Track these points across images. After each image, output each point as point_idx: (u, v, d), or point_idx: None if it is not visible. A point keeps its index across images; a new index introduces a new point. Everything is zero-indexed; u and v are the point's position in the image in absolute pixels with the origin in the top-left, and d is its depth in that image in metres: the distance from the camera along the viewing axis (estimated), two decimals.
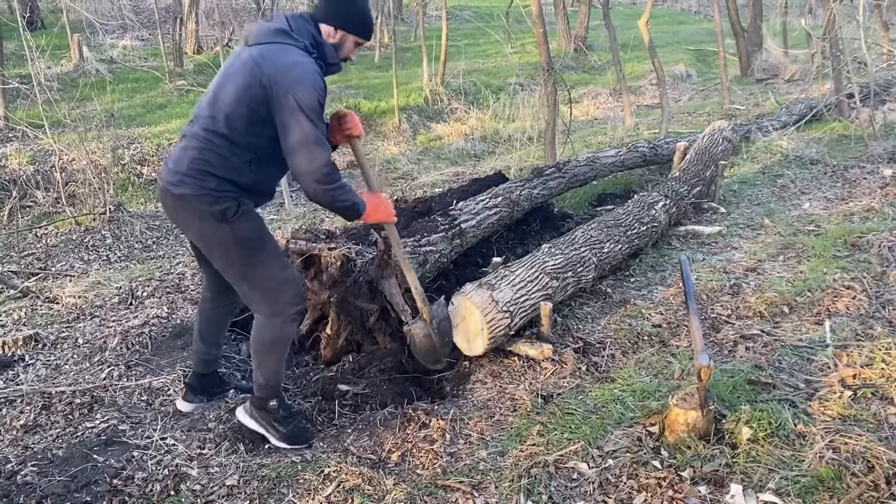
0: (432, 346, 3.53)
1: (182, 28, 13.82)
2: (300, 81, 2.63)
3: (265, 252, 2.91)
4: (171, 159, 2.86)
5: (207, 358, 3.40)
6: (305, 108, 2.63)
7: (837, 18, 8.89)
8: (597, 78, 15.35)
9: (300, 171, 2.71)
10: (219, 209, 2.76)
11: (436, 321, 3.52)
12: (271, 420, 3.12)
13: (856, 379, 3.18)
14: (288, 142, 2.68)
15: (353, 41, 2.92)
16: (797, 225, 5.77)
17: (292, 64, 2.65)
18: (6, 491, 2.74)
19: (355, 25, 2.89)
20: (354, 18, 2.89)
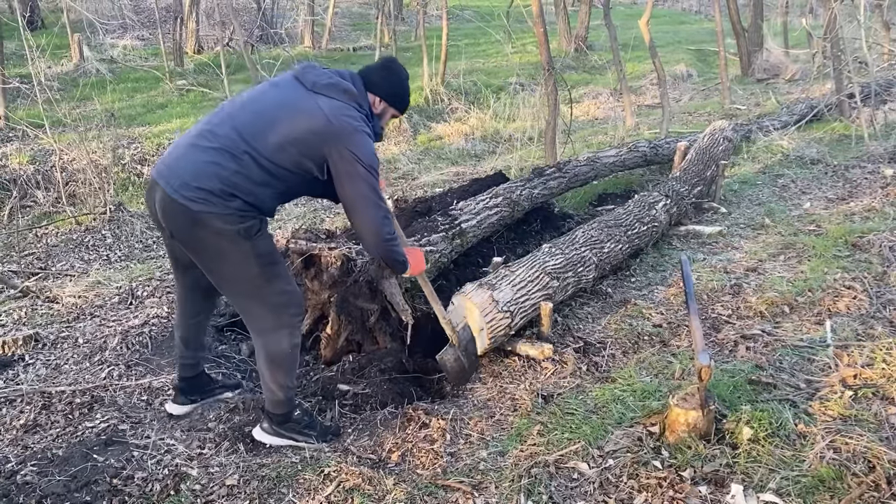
0: (462, 368, 3.62)
1: (182, 28, 13.82)
2: (367, 149, 2.73)
3: (279, 266, 2.92)
4: (188, 171, 2.70)
5: (194, 362, 3.36)
6: (371, 171, 2.73)
7: (838, 18, 8.89)
8: (597, 78, 15.34)
9: (372, 233, 2.81)
10: (244, 227, 2.72)
11: (463, 344, 3.61)
12: (299, 429, 3.12)
13: (857, 379, 3.18)
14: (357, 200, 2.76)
15: (392, 114, 3.04)
16: (798, 225, 5.77)
17: (361, 132, 2.74)
18: (6, 490, 2.73)
19: (399, 100, 3.03)
20: (399, 94, 3.02)
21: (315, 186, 2.86)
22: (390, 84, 2.99)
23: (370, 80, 2.94)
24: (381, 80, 2.96)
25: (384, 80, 2.97)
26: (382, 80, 2.97)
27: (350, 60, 15.38)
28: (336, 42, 17.12)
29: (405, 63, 11.26)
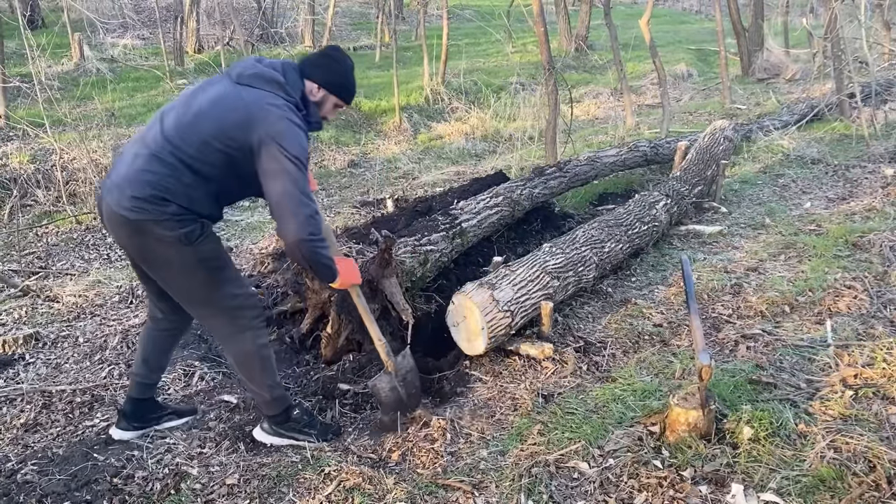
0: (398, 400, 3.25)
1: (183, 27, 13.81)
2: (292, 138, 2.61)
3: (227, 271, 2.84)
4: (124, 182, 2.64)
5: (147, 382, 3.18)
6: (296, 162, 2.60)
7: (839, 18, 8.88)
8: (598, 77, 15.34)
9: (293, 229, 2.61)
10: (183, 233, 2.65)
11: (402, 373, 3.30)
12: (299, 428, 3.12)
13: (857, 379, 3.18)
14: (278, 193, 2.60)
15: (334, 103, 2.93)
16: (798, 224, 5.77)
17: (286, 120, 2.63)
18: (6, 489, 2.74)
19: (341, 88, 2.91)
20: (341, 82, 2.90)
21: (250, 185, 2.71)
22: (329, 71, 2.88)
23: (307, 67, 2.85)
24: (319, 67, 2.86)
25: (322, 66, 2.87)
26: (320, 67, 2.86)
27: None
28: (336, 41, 17.12)
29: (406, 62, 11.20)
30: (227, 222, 7.33)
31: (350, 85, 2.96)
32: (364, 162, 9.98)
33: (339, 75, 2.90)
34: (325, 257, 2.75)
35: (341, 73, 2.91)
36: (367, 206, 7.16)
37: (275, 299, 4.40)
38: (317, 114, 2.87)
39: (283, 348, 4.15)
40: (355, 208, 7.13)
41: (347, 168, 9.61)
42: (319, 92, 2.87)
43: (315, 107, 2.86)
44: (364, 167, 9.76)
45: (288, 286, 4.24)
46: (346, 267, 2.96)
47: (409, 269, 4.13)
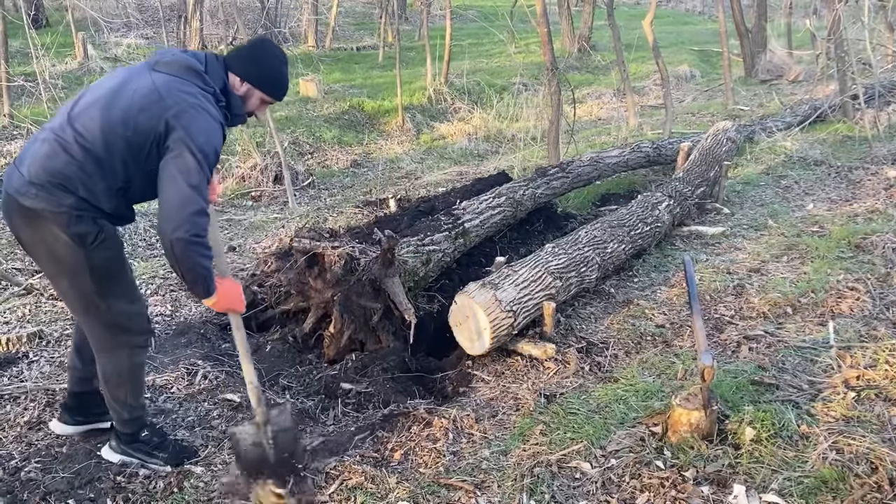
0: (261, 459, 2.64)
1: (186, 26, 13.82)
2: (201, 129, 2.45)
3: (121, 284, 2.67)
4: (26, 164, 2.48)
5: (83, 375, 3.01)
6: (199, 156, 2.42)
7: (842, 19, 8.87)
8: (601, 78, 15.33)
9: (168, 213, 2.40)
10: (77, 232, 2.48)
11: (272, 429, 2.67)
12: (149, 450, 2.92)
13: (859, 380, 3.18)
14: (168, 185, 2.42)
15: (260, 97, 2.75)
16: (801, 226, 5.77)
17: (198, 108, 2.47)
18: (10, 487, 2.75)
19: (265, 83, 2.73)
20: (265, 76, 2.73)
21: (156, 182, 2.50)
22: (254, 64, 2.69)
23: (232, 59, 2.69)
24: (244, 60, 2.69)
25: (246, 59, 2.69)
26: (244, 61, 2.69)
27: (353, 60, 15.40)
28: (339, 41, 17.13)
29: (409, 62, 11.16)
30: (230, 221, 7.35)
31: (278, 79, 2.77)
32: (367, 162, 9.99)
33: (264, 69, 2.72)
34: (202, 266, 2.47)
35: (267, 66, 2.73)
36: (370, 205, 7.17)
37: (277, 298, 4.41)
38: (240, 107, 2.70)
39: (285, 347, 4.16)
40: (358, 208, 7.14)
41: (350, 168, 9.62)
42: (243, 86, 2.70)
43: (239, 100, 2.69)
44: (367, 167, 9.77)
45: (291, 285, 4.25)
46: (229, 289, 2.66)
47: (411, 269, 4.14)
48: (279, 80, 2.77)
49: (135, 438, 2.91)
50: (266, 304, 4.43)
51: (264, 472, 2.61)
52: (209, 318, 4.39)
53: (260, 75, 2.71)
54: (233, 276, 2.87)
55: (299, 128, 10.37)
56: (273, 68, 2.74)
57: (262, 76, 2.72)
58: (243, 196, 8.27)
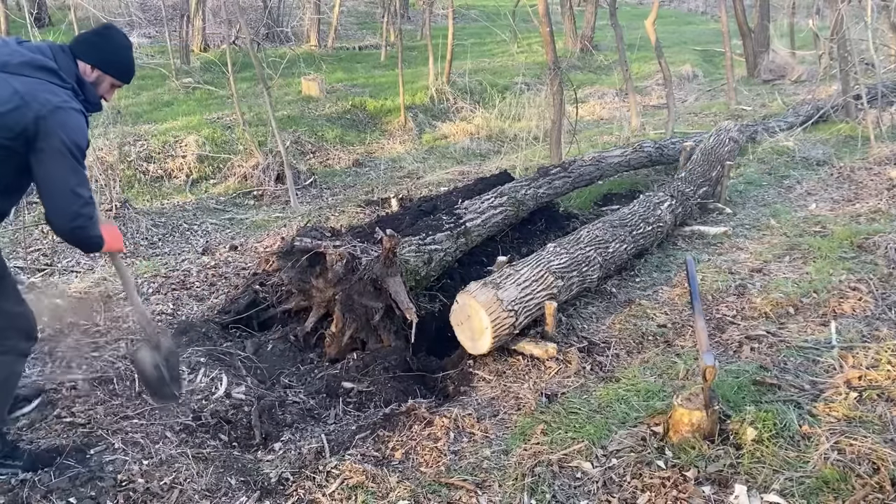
0: (162, 380, 3.08)
1: (189, 25, 13.84)
2: (71, 127, 2.52)
3: (6, 285, 2.69)
4: None
5: None
6: (74, 151, 2.51)
7: (845, 19, 8.85)
8: (603, 78, 15.32)
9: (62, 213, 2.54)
10: None
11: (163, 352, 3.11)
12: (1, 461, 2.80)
13: (861, 380, 3.17)
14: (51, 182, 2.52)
15: (110, 82, 2.81)
16: (803, 226, 5.76)
17: (64, 108, 2.52)
18: (11, 486, 2.74)
19: (115, 68, 2.80)
20: (115, 61, 2.79)
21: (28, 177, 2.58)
22: (102, 50, 2.75)
23: (79, 48, 2.72)
24: (92, 48, 2.73)
25: (95, 46, 2.74)
26: (93, 47, 2.73)
27: (356, 59, 15.40)
28: (342, 41, 17.13)
29: (411, 62, 11.15)
30: (231, 220, 7.35)
31: (125, 63, 2.84)
32: (369, 161, 9.99)
33: (112, 54, 2.79)
34: (95, 238, 2.68)
35: (114, 51, 2.80)
36: (372, 205, 7.17)
37: (279, 297, 4.41)
38: (94, 95, 2.75)
39: (287, 346, 4.16)
40: (360, 207, 7.14)
41: (352, 167, 9.63)
42: (94, 72, 2.74)
43: (91, 87, 2.74)
44: (369, 166, 9.77)
45: (293, 284, 4.25)
46: (111, 234, 2.85)
47: (413, 268, 4.14)
48: (126, 62, 2.86)
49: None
50: (268, 303, 4.43)
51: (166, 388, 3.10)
52: (210, 318, 4.40)
53: (109, 61, 2.78)
54: None
55: (301, 127, 10.37)
56: (119, 52, 2.82)
57: (112, 62, 2.79)
58: (245, 195, 8.27)
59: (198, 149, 9.01)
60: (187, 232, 7.04)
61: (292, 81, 12.29)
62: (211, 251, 6.00)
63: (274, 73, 10.01)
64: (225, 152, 9.09)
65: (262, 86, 8.52)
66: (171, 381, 3.14)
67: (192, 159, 8.86)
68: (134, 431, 3.16)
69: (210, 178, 8.77)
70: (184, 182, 8.56)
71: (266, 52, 13.28)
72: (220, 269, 5.45)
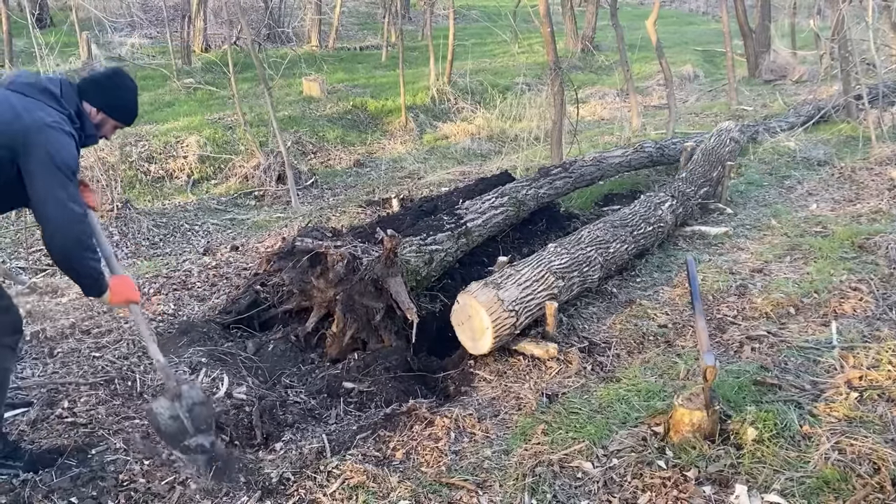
0: (183, 431, 2.90)
1: (190, 26, 13.85)
2: (61, 145, 2.58)
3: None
4: None
5: None
6: (63, 168, 2.56)
7: (846, 19, 8.85)
8: (604, 78, 15.32)
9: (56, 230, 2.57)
10: None
11: (186, 403, 2.92)
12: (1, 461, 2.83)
13: (862, 381, 3.17)
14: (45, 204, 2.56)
15: (113, 125, 2.94)
16: (804, 226, 5.76)
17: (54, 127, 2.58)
18: (12, 486, 2.75)
19: (117, 112, 2.91)
20: (119, 106, 2.91)
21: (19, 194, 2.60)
22: (107, 95, 2.86)
23: (87, 88, 2.83)
24: (98, 91, 2.84)
25: (101, 90, 2.85)
26: (99, 91, 2.84)
27: (357, 60, 15.41)
28: (343, 41, 17.14)
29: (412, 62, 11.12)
30: (233, 221, 7.36)
31: (128, 108, 2.95)
32: (370, 161, 9.99)
33: (117, 99, 2.90)
34: (92, 268, 2.66)
35: (119, 96, 2.91)
36: (373, 205, 7.18)
37: (280, 298, 4.41)
38: (91, 129, 2.84)
39: (288, 347, 4.16)
40: (361, 208, 7.14)
41: (353, 167, 9.63)
42: (98, 115, 2.85)
43: (92, 125, 2.84)
44: (370, 167, 9.78)
45: (294, 285, 4.25)
46: (122, 283, 2.84)
47: (414, 269, 4.14)
48: (131, 109, 2.96)
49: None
50: (269, 304, 4.44)
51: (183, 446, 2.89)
52: (211, 318, 4.40)
53: (114, 106, 2.89)
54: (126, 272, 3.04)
55: (302, 127, 10.38)
56: (123, 98, 2.92)
57: (116, 107, 2.90)
58: (246, 195, 8.28)
59: (199, 149, 9.02)
60: (188, 232, 7.05)
61: (293, 82, 12.30)
62: (212, 251, 6.01)
63: (275, 74, 10.03)
64: (226, 153, 9.10)
65: (264, 86, 8.53)
66: (196, 433, 2.90)
67: (193, 160, 8.87)
68: (135, 431, 3.16)
69: (211, 178, 8.78)
70: (185, 182, 8.57)
71: (267, 53, 13.30)
72: (221, 269, 5.45)
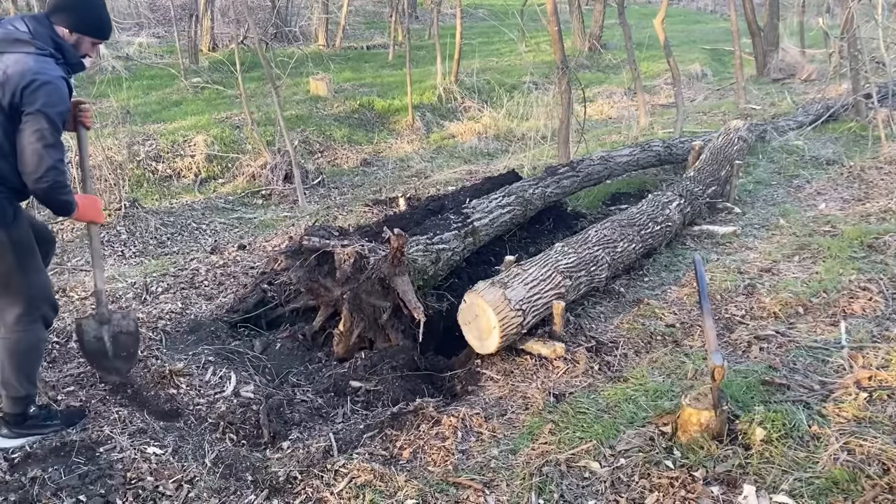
0: (102, 353, 3.32)
1: (197, 25, 13.89)
2: (48, 94, 2.71)
3: (35, 258, 2.92)
4: None
5: None
6: (50, 112, 2.71)
7: (855, 18, 8.80)
8: (611, 77, 15.29)
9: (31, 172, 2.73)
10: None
11: (112, 329, 3.32)
12: (40, 423, 3.05)
13: (871, 381, 3.16)
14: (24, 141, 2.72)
15: (90, 41, 2.99)
16: (813, 226, 5.73)
17: (39, 72, 2.71)
18: (21, 483, 2.76)
19: (89, 27, 2.95)
20: (88, 21, 2.94)
21: None
22: (75, 13, 2.91)
23: (54, 13, 2.90)
24: (65, 12, 2.90)
25: (68, 10, 2.91)
26: (66, 11, 2.90)
27: (364, 59, 15.42)
28: (350, 40, 17.16)
29: (419, 61, 11.11)
30: (240, 219, 7.38)
31: (100, 22, 3.00)
32: (377, 160, 10.00)
33: (85, 14, 2.94)
34: (63, 199, 2.87)
35: (87, 11, 2.95)
36: (380, 204, 7.18)
37: (287, 296, 4.42)
38: (74, 56, 2.93)
39: (295, 345, 4.17)
40: (368, 206, 7.15)
41: (360, 167, 9.64)
42: (73, 36, 2.92)
43: (71, 49, 2.92)
44: (377, 166, 9.78)
45: (301, 284, 4.26)
46: (90, 203, 3.12)
47: (421, 268, 4.14)
48: (103, 21, 3.02)
49: (25, 417, 3.03)
50: (276, 302, 4.44)
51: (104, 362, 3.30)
52: (219, 317, 4.41)
53: (84, 22, 2.94)
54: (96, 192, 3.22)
55: (309, 126, 10.39)
56: (94, 13, 2.98)
57: (87, 23, 2.95)
58: (254, 195, 8.30)
59: (206, 148, 9.04)
60: (196, 231, 7.07)
61: (300, 81, 12.32)
62: (219, 250, 6.02)
63: (282, 73, 10.03)
64: (233, 152, 9.12)
65: (271, 85, 8.54)
66: (114, 358, 3.34)
67: (200, 159, 8.89)
68: (143, 428, 3.17)
69: (218, 177, 8.80)
70: (192, 181, 8.60)
71: (274, 52, 13.31)
72: (228, 268, 5.46)
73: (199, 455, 3.04)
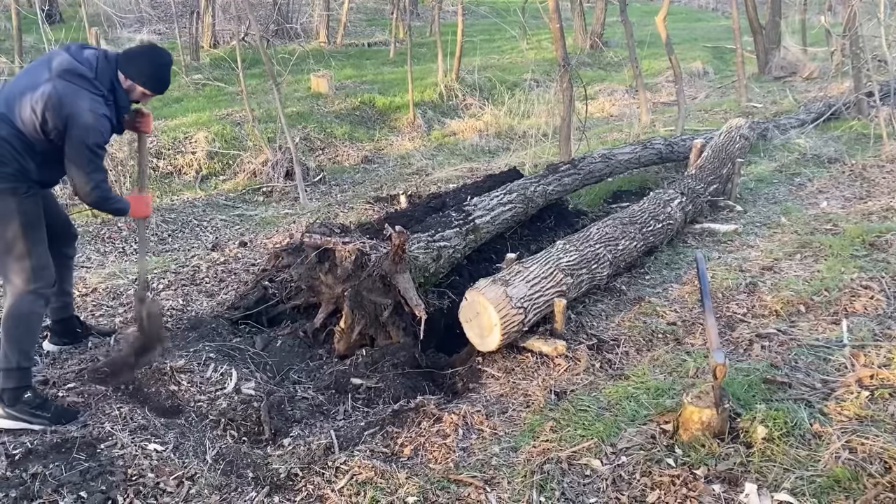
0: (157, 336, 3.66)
1: (199, 22, 13.87)
2: (90, 126, 3.10)
3: (41, 232, 3.21)
4: None
5: (61, 305, 3.75)
6: (91, 145, 3.12)
7: (857, 16, 8.79)
8: (613, 75, 15.27)
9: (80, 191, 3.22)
10: (9, 186, 3.07)
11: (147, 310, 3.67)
12: (30, 410, 3.12)
13: (873, 379, 3.16)
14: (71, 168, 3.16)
15: (142, 91, 3.35)
16: (814, 224, 5.72)
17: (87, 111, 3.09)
18: (21, 480, 2.76)
19: (149, 83, 3.33)
20: (150, 78, 3.32)
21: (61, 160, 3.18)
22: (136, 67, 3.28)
23: (124, 63, 3.27)
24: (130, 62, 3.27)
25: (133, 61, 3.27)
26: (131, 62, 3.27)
27: (365, 56, 15.40)
28: (351, 37, 17.14)
29: (420, 59, 11.12)
30: (241, 217, 7.38)
31: (158, 78, 3.36)
32: (378, 158, 9.99)
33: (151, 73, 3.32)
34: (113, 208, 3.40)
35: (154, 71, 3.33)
36: (381, 201, 7.17)
37: (288, 294, 4.42)
38: (124, 100, 3.31)
39: (296, 342, 4.17)
40: (369, 204, 7.14)
41: (361, 164, 9.63)
42: (127, 82, 3.29)
43: (125, 94, 3.29)
44: (378, 163, 9.78)
45: (302, 281, 4.26)
46: (140, 201, 3.55)
47: (422, 265, 4.14)
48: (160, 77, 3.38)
49: (18, 398, 3.12)
50: (277, 300, 4.44)
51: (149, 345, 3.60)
52: (220, 314, 4.41)
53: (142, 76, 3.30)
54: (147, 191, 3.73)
55: (310, 124, 10.39)
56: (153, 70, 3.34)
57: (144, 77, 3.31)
58: (255, 192, 8.29)
59: (207, 145, 9.04)
60: (197, 228, 7.07)
61: (301, 78, 12.30)
62: (220, 247, 6.02)
63: (283, 70, 10.02)
64: (234, 149, 9.12)
65: (272, 82, 8.53)
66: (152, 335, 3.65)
67: (201, 156, 8.88)
68: (144, 425, 3.17)
69: (219, 174, 8.79)
70: (193, 178, 8.59)
71: (275, 49, 13.30)
72: (229, 265, 5.46)
73: (200, 452, 3.04)
